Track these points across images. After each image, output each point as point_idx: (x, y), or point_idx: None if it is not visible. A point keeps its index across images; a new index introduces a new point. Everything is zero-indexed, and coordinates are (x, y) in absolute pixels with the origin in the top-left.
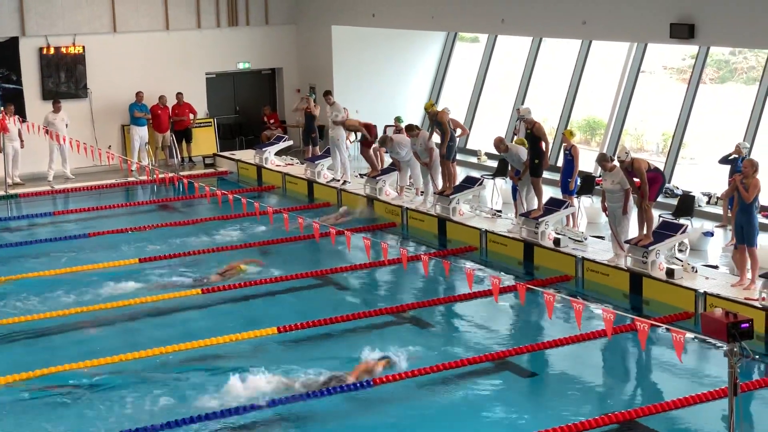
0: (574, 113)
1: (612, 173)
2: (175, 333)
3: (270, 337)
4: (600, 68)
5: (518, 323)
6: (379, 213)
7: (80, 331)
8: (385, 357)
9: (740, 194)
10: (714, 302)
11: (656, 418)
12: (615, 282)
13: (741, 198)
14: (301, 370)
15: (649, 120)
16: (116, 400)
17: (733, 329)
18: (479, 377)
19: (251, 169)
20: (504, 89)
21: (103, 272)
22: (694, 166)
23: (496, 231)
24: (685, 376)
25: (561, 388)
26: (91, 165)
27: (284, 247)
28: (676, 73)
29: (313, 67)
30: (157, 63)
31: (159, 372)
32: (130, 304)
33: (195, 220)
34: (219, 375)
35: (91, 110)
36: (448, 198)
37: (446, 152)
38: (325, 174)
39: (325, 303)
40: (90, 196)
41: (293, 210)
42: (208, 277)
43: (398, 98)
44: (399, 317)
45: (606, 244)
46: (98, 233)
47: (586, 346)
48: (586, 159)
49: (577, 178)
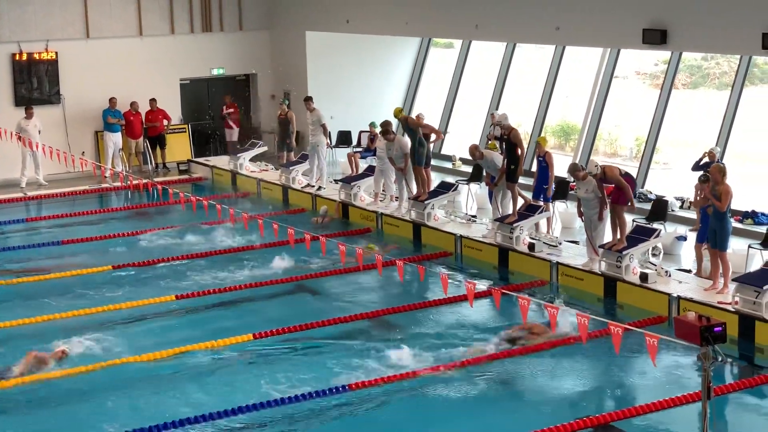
0: (548, 118)
1: (585, 182)
2: (148, 342)
3: (245, 343)
4: (574, 74)
5: (492, 329)
6: (354, 219)
7: (56, 339)
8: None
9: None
10: (687, 306)
11: (631, 421)
12: (589, 286)
13: (715, 206)
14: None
15: (623, 125)
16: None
17: (706, 333)
18: (453, 382)
19: (226, 175)
20: (478, 94)
21: (77, 279)
22: (667, 171)
23: (471, 236)
24: (659, 379)
25: (536, 393)
26: (64, 171)
27: (258, 254)
28: (649, 78)
29: (287, 72)
30: (130, 69)
31: (124, 381)
32: (105, 311)
33: (168, 227)
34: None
35: (64, 116)
36: (423, 203)
37: (416, 158)
38: (300, 180)
39: (300, 309)
40: (63, 203)
41: (268, 216)
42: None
43: (373, 104)
44: (373, 322)
45: (580, 249)
46: (72, 240)
47: (561, 351)
48: (560, 164)
49: (553, 185)
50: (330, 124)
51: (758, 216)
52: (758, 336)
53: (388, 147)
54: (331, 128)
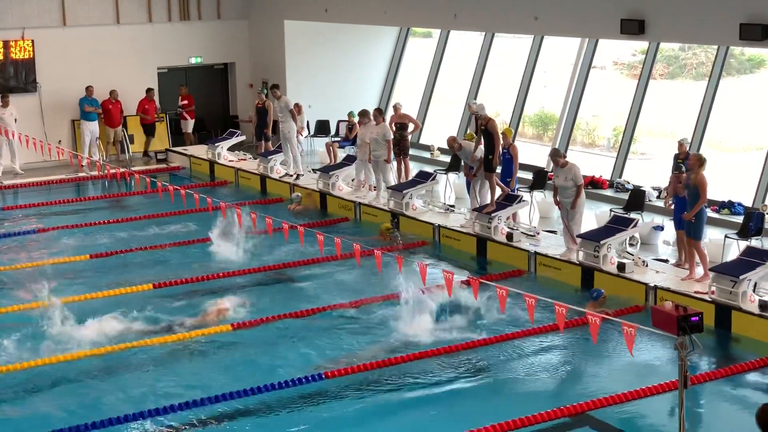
0: (526, 108)
1: (564, 169)
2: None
3: (225, 332)
4: (552, 64)
5: (471, 318)
6: (332, 209)
7: (27, 328)
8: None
9: (691, 194)
10: (664, 296)
11: (608, 410)
12: (567, 276)
13: (692, 197)
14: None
15: (601, 115)
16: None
17: (683, 322)
18: (430, 371)
19: (204, 164)
20: (457, 84)
21: (53, 268)
22: (644, 161)
23: (449, 226)
24: (636, 369)
25: (513, 382)
26: (41, 160)
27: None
28: (627, 68)
29: (265, 61)
30: (107, 57)
31: (102, 371)
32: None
33: (147, 216)
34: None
35: (41, 105)
36: (401, 193)
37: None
38: (278, 169)
39: (279, 298)
40: (40, 192)
41: (246, 204)
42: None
43: (351, 93)
44: (350, 312)
45: (558, 239)
46: (48, 229)
47: (539, 340)
48: (539, 154)
49: (517, 177)
50: (308, 113)
51: (735, 206)
52: (735, 325)
53: (370, 131)
54: (309, 118)
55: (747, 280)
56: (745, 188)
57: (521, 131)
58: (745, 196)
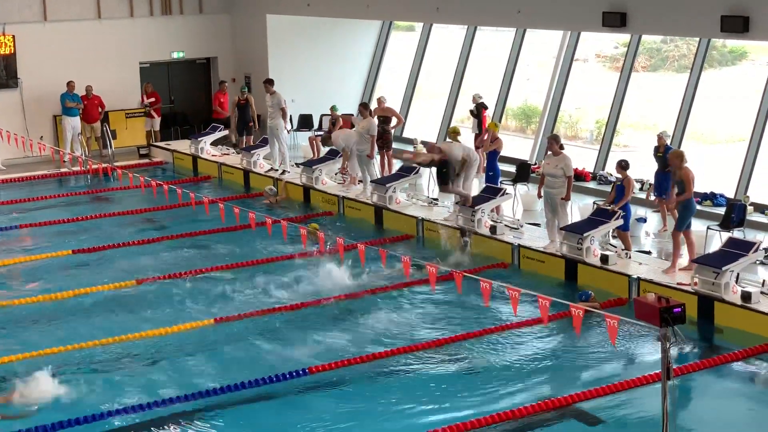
0: (509, 101)
1: (557, 157)
2: (112, 325)
3: (207, 327)
4: (534, 57)
5: (454, 311)
6: (316, 202)
7: (16, 325)
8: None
9: (680, 189)
10: (647, 287)
11: (592, 402)
12: (550, 269)
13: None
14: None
15: (583, 108)
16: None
17: (665, 314)
18: (414, 365)
19: (187, 159)
20: (440, 78)
21: (36, 264)
22: (627, 154)
23: (433, 219)
24: (619, 361)
25: (497, 375)
26: (22, 156)
27: (221, 237)
28: (609, 61)
29: (248, 56)
30: (89, 52)
31: (92, 365)
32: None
33: (129, 211)
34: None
35: (22, 100)
36: (385, 186)
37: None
38: (261, 163)
39: (260, 293)
40: (21, 188)
41: (228, 199)
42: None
43: (334, 87)
44: (334, 307)
45: (542, 231)
46: (29, 225)
47: (522, 333)
48: (521, 147)
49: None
50: (291, 107)
51: (717, 198)
52: (717, 317)
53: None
54: (292, 112)
55: (729, 271)
56: (727, 180)
57: (504, 124)
58: (728, 187)
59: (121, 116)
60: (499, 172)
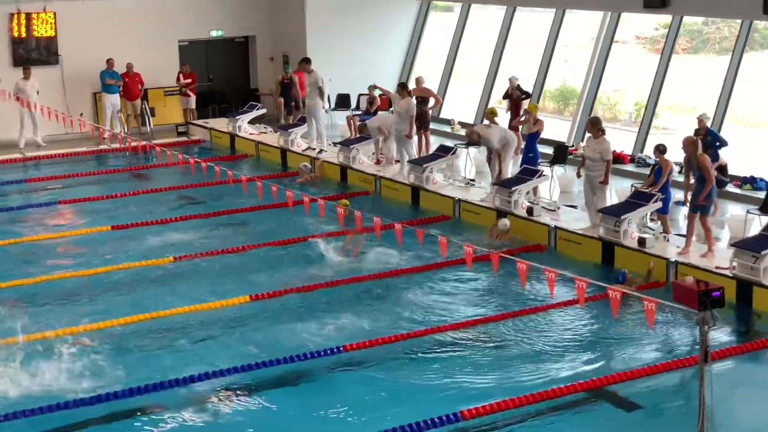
0: (547, 82)
1: (597, 141)
2: (147, 303)
3: (243, 304)
4: (573, 38)
5: (491, 292)
6: (353, 181)
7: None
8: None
9: (698, 178)
10: (685, 271)
11: (627, 385)
12: (587, 251)
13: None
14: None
15: (622, 90)
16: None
17: (704, 297)
18: (449, 345)
19: (224, 137)
20: (478, 59)
21: (74, 240)
22: (666, 136)
23: (470, 200)
24: (656, 344)
25: (532, 356)
26: (62, 132)
27: (257, 215)
28: (649, 43)
29: (286, 35)
30: (129, 30)
31: (129, 340)
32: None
33: (167, 188)
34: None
35: (63, 77)
36: (422, 167)
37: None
38: (299, 142)
39: (295, 271)
40: (61, 164)
41: (266, 178)
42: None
43: (372, 67)
44: (372, 286)
45: (578, 213)
46: (69, 201)
47: (558, 315)
48: (560, 128)
49: None
50: (329, 86)
51: (757, 181)
52: (756, 301)
53: (395, 101)
54: (329, 91)
55: None
56: (767, 163)
57: (541, 106)
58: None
59: (159, 94)
60: (539, 154)
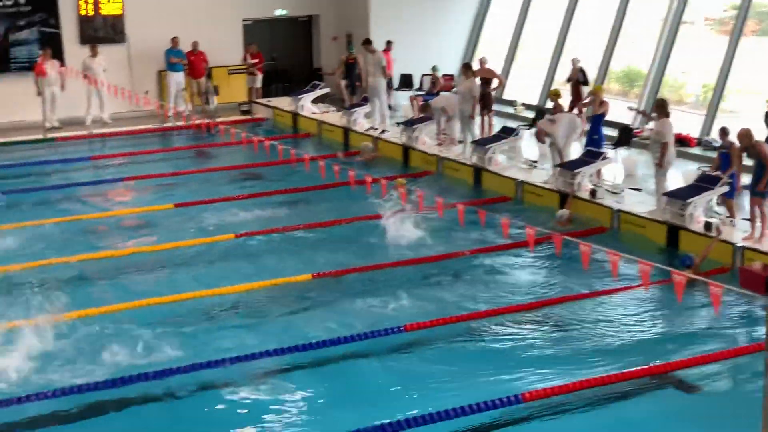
0: (612, 64)
1: (658, 122)
2: (210, 278)
3: (304, 282)
4: (641, 19)
5: (553, 274)
6: (415, 162)
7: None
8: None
9: (757, 165)
10: (752, 256)
11: (691, 371)
12: (651, 234)
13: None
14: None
15: (689, 72)
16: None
17: None
18: (509, 327)
19: (287, 116)
20: (541, 40)
21: (139, 216)
22: (733, 119)
23: (532, 182)
24: (721, 329)
25: (593, 340)
26: (128, 110)
27: (318, 194)
28: (718, 24)
29: (349, 14)
30: (194, 8)
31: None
32: (168, 248)
33: (230, 167)
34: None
35: (129, 55)
36: (484, 148)
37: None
38: (361, 122)
39: (357, 251)
40: (126, 141)
41: (328, 157)
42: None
43: (435, 47)
44: (435, 266)
45: (642, 196)
46: (134, 177)
47: (622, 298)
48: (624, 110)
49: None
50: (392, 67)
51: None
52: None
53: (458, 82)
54: (393, 71)
55: None
56: None
57: (606, 87)
58: None
59: (223, 72)
60: (603, 136)
